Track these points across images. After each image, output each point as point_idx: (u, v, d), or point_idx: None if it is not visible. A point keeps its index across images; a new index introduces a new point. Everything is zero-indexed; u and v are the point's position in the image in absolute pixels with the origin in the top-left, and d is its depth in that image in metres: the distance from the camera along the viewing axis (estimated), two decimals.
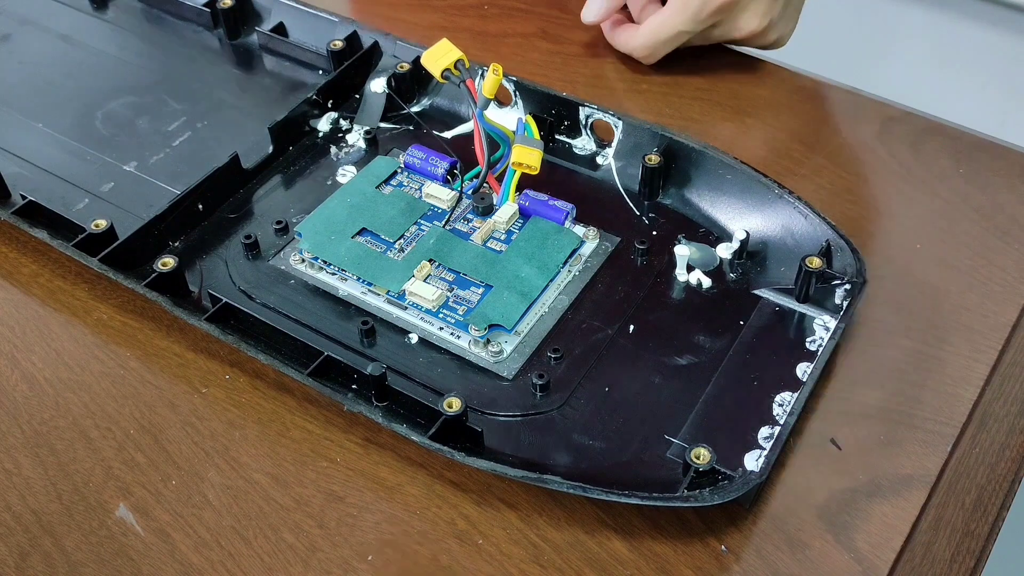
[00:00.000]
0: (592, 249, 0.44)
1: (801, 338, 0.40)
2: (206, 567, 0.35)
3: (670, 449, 0.37)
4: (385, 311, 0.42)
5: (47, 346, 0.42)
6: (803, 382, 0.38)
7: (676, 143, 0.45)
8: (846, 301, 0.40)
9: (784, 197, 0.43)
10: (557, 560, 0.35)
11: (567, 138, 0.49)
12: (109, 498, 0.37)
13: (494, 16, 0.47)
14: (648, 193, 0.46)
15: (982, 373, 0.40)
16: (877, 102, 0.52)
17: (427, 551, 0.35)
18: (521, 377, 0.40)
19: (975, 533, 0.36)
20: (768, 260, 0.43)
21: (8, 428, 0.39)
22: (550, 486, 0.35)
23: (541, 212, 0.44)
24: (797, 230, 0.42)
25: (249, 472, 0.38)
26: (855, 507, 0.36)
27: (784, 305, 0.42)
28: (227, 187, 0.47)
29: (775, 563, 0.35)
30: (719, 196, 0.45)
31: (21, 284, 0.44)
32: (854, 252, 0.40)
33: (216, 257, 0.44)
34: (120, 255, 0.43)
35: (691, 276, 0.43)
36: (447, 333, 0.41)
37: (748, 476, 0.34)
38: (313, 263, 0.43)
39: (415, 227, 0.44)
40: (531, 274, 0.42)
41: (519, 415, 0.38)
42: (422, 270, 0.42)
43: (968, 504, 0.37)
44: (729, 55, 0.56)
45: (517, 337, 0.41)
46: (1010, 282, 0.43)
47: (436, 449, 0.35)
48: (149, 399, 0.40)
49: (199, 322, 0.40)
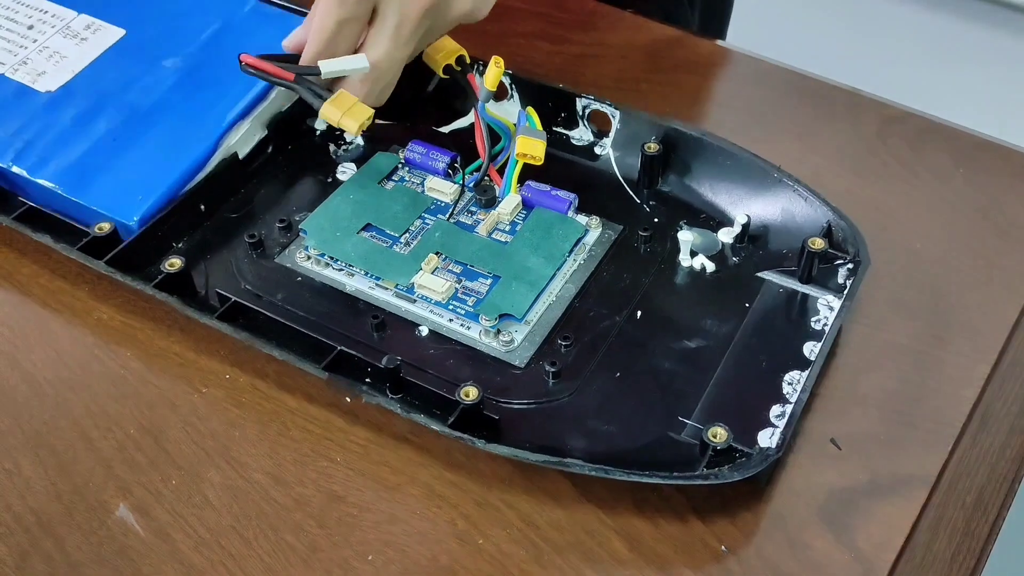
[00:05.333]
0: (595, 238, 0.45)
1: (806, 318, 0.41)
2: (206, 567, 0.35)
3: (684, 431, 0.38)
4: (394, 305, 0.42)
5: (47, 346, 0.42)
6: (812, 361, 0.39)
7: (674, 130, 0.46)
8: (849, 280, 0.41)
9: (783, 180, 0.44)
10: (557, 560, 0.36)
11: (564, 129, 0.50)
12: (109, 498, 0.37)
13: (494, 16, 0.48)
14: (648, 181, 0.47)
15: (982, 373, 0.41)
16: (877, 102, 0.53)
17: (427, 551, 0.36)
18: (533, 365, 0.40)
19: (975, 533, 0.37)
20: (770, 243, 0.44)
21: (8, 428, 0.39)
22: (572, 469, 0.35)
23: (544, 203, 0.45)
24: (798, 212, 0.44)
25: (249, 472, 0.38)
26: (855, 507, 0.37)
27: (788, 286, 0.43)
28: (227, 187, 0.47)
29: (775, 563, 0.35)
30: (719, 181, 0.46)
31: (21, 284, 0.45)
32: (855, 231, 0.42)
33: (221, 257, 0.45)
34: (125, 257, 0.43)
35: (695, 261, 0.44)
36: (457, 324, 0.42)
37: (766, 452, 0.35)
38: (319, 260, 0.44)
39: (419, 221, 0.45)
40: (538, 264, 0.43)
41: (533, 403, 0.39)
42: (430, 263, 0.43)
43: (968, 504, 0.37)
44: (729, 55, 0.57)
45: (527, 326, 0.42)
46: (1010, 282, 0.44)
47: (457, 437, 0.36)
48: (149, 399, 0.40)
49: (210, 321, 0.40)
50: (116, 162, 0.46)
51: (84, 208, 0.45)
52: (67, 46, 0.51)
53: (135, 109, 0.48)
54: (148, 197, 0.45)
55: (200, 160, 0.46)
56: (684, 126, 0.46)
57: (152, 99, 0.48)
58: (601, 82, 0.55)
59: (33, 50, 0.51)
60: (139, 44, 0.51)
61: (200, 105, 0.48)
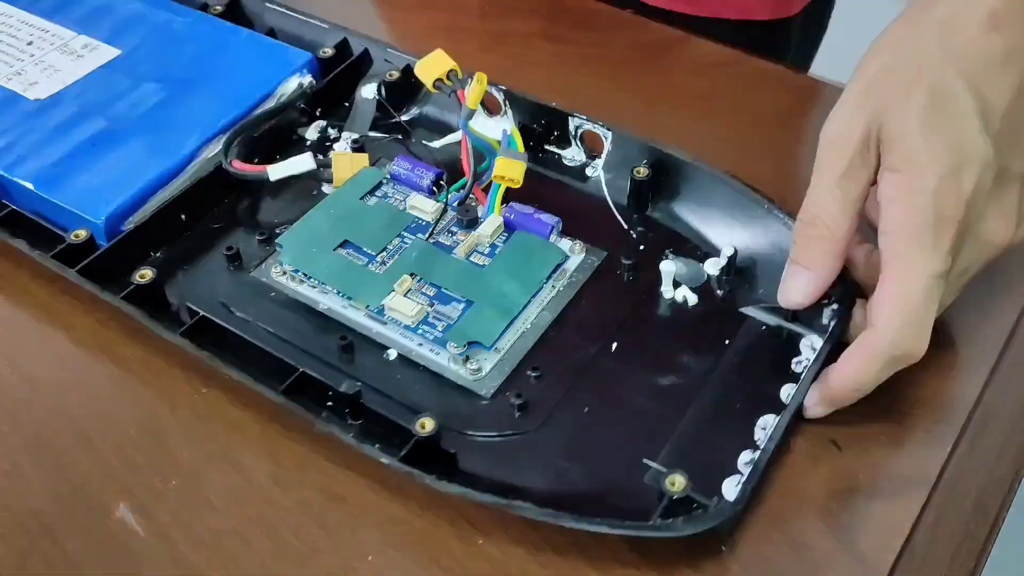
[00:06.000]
0: (578, 264, 0.44)
1: (787, 359, 0.40)
2: (206, 568, 0.35)
3: (648, 473, 0.36)
4: (365, 326, 0.42)
5: (47, 346, 0.42)
6: (786, 405, 0.38)
7: (666, 156, 0.45)
8: (833, 321, 0.39)
9: (774, 213, 0.42)
10: (557, 560, 0.35)
11: (557, 148, 0.49)
12: (109, 498, 0.37)
13: (494, 16, 0.47)
14: (637, 206, 0.46)
15: (982, 373, 0.40)
16: None
17: (427, 551, 0.36)
18: (500, 396, 0.39)
19: (975, 534, 0.36)
20: (757, 277, 0.43)
21: (8, 428, 0.40)
22: (520, 512, 0.34)
23: (526, 225, 0.44)
24: (787, 247, 0.42)
25: (250, 472, 0.38)
26: (855, 507, 0.36)
27: (771, 324, 0.41)
28: (211, 197, 0.47)
29: (775, 563, 0.35)
30: (709, 210, 0.44)
31: (21, 284, 0.45)
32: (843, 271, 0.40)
33: (198, 268, 0.45)
34: (99, 266, 0.43)
35: (677, 293, 0.42)
36: (426, 350, 0.41)
37: (723, 506, 0.34)
38: (294, 276, 0.43)
39: (398, 239, 0.44)
40: (513, 290, 0.42)
41: (496, 436, 0.38)
42: (403, 284, 0.42)
43: (968, 505, 0.37)
44: (729, 56, 0.55)
45: (497, 354, 0.40)
46: (1010, 282, 0.43)
47: (405, 472, 0.35)
48: (149, 399, 0.40)
49: (173, 337, 0.40)
50: (92, 166, 0.46)
51: (56, 207, 0.45)
52: (62, 61, 0.52)
53: (118, 120, 0.48)
54: (117, 197, 0.45)
55: (176, 167, 0.46)
56: (676, 151, 0.45)
57: (136, 113, 0.49)
58: (601, 83, 0.54)
59: (29, 63, 0.52)
60: (132, 64, 0.52)
61: (181, 120, 0.48)
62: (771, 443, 0.35)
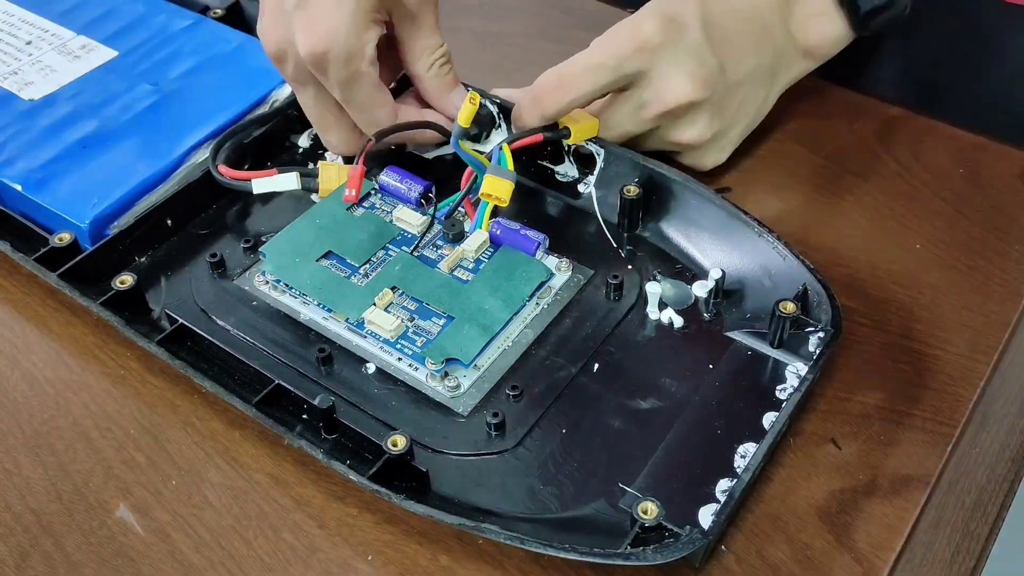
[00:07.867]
0: (563, 281, 0.43)
1: (771, 385, 0.39)
2: (206, 567, 0.35)
3: (623, 499, 0.36)
4: (345, 339, 0.41)
5: (47, 346, 0.42)
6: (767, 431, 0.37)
7: (657, 175, 0.44)
8: (819, 349, 0.39)
9: (764, 236, 0.42)
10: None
11: (550, 164, 0.48)
12: (109, 498, 0.37)
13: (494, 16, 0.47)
14: (627, 224, 0.45)
15: (982, 373, 0.40)
16: (877, 102, 0.53)
17: (427, 551, 0.36)
18: (477, 414, 0.39)
19: (975, 533, 0.37)
20: (744, 301, 0.42)
21: (8, 428, 0.40)
22: (486, 535, 0.34)
23: (512, 241, 0.43)
24: (775, 271, 0.41)
25: (249, 472, 0.38)
26: (855, 507, 0.36)
27: (756, 349, 0.40)
28: (198, 202, 0.47)
29: (775, 563, 0.35)
30: (698, 232, 0.44)
31: (21, 284, 0.45)
32: (831, 299, 0.39)
33: (181, 275, 0.44)
34: (82, 270, 0.43)
35: (663, 314, 0.42)
36: (405, 365, 0.40)
37: (693, 535, 0.33)
38: (276, 285, 0.43)
39: (382, 252, 0.44)
40: (495, 307, 0.41)
41: (471, 455, 0.38)
42: (383, 298, 0.41)
43: (968, 504, 0.37)
44: None
45: (476, 372, 0.40)
46: (1010, 282, 0.43)
47: (374, 491, 0.35)
48: (149, 399, 0.40)
49: (149, 345, 0.39)
50: (80, 168, 0.46)
51: (42, 209, 0.45)
52: (59, 62, 0.52)
53: (109, 123, 0.49)
54: (103, 202, 0.45)
55: (163, 172, 0.46)
56: (668, 170, 0.44)
57: (128, 115, 0.49)
58: None
59: (26, 63, 0.52)
60: (128, 66, 0.52)
61: (172, 124, 0.48)
62: (747, 473, 0.35)
